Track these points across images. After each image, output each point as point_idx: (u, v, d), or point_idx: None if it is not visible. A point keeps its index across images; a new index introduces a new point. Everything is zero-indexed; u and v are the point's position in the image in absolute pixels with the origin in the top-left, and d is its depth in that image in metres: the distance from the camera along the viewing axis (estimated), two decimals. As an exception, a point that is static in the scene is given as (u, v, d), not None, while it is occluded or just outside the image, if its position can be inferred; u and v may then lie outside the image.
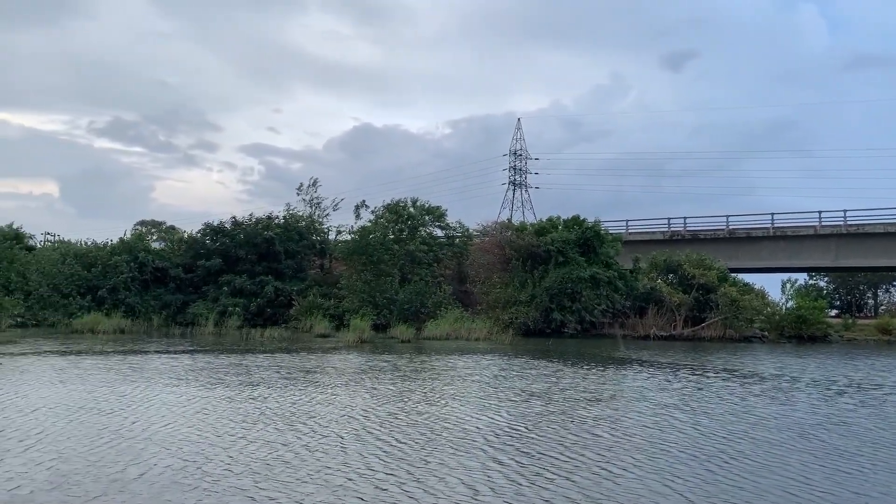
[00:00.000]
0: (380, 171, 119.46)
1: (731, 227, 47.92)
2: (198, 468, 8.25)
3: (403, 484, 7.66)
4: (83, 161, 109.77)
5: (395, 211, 40.88)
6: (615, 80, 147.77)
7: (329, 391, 14.66)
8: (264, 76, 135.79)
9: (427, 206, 41.47)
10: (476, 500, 7.18)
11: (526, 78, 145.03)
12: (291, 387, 15.28)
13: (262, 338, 32.13)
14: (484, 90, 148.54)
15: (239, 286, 39.78)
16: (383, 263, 38.52)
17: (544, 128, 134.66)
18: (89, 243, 42.97)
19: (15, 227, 46.85)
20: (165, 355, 22.77)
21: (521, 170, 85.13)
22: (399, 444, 9.60)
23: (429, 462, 8.64)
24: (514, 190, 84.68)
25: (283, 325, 37.72)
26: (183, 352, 24.26)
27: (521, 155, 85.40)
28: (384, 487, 7.54)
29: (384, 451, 9.17)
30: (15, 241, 44.57)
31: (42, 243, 50.47)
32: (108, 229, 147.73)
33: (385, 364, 20.61)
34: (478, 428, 10.82)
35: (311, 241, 44.14)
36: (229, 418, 11.49)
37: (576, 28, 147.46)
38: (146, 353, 23.74)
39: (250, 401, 13.26)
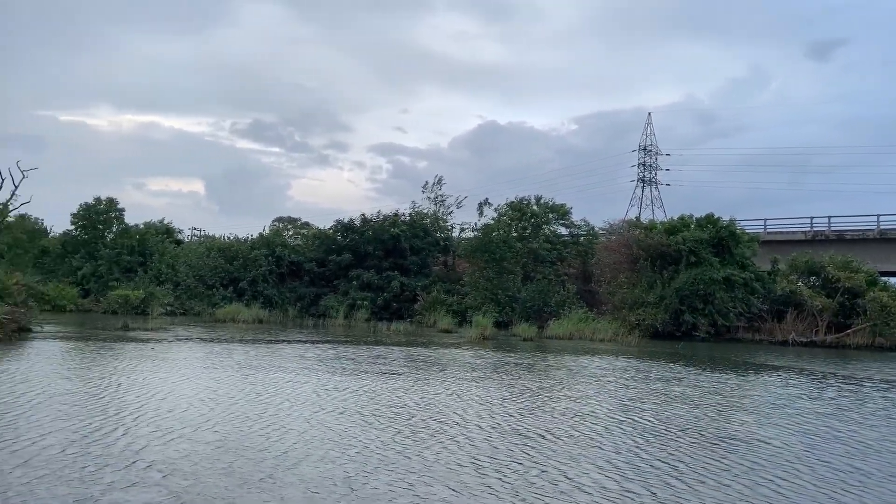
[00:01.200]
0: (504, 169, 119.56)
1: (882, 227, 44.32)
2: (352, 456, 8.62)
3: (558, 483, 7.67)
4: (226, 161, 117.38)
5: (518, 209, 40.81)
6: (754, 71, 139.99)
7: (466, 385, 14.89)
8: (393, 78, 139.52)
9: (551, 203, 41.12)
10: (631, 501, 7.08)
11: (657, 71, 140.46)
12: (428, 379, 15.64)
13: (389, 331, 33.04)
14: (612, 85, 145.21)
15: (367, 281, 41.11)
16: (506, 261, 38.57)
17: (676, 122, 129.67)
18: (231, 238, 45.82)
19: (166, 222, 50.70)
20: (302, 345, 23.93)
21: (650, 166, 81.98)
22: (547, 440, 9.62)
23: (579, 460, 8.61)
24: (642, 187, 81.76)
25: (408, 320, 38.62)
26: (318, 342, 25.39)
27: (650, 151, 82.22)
28: (538, 482, 7.58)
29: (531, 447, 9.21)
30: (165, 236, 48.23)
31: (189, 238, 54.27)
32: (247, 225, 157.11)
33: (515, 361, 20.68)
34: (622, 429, 10.65)
35: (435, 238, 44.91)
36: (372, 410, 11.91)
37: (711, 18, 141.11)
38: (285, 342, 25.04)
39: (393, 391, 13.69)
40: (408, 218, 45.28)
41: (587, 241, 40.29)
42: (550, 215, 40.75)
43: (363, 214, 45.14)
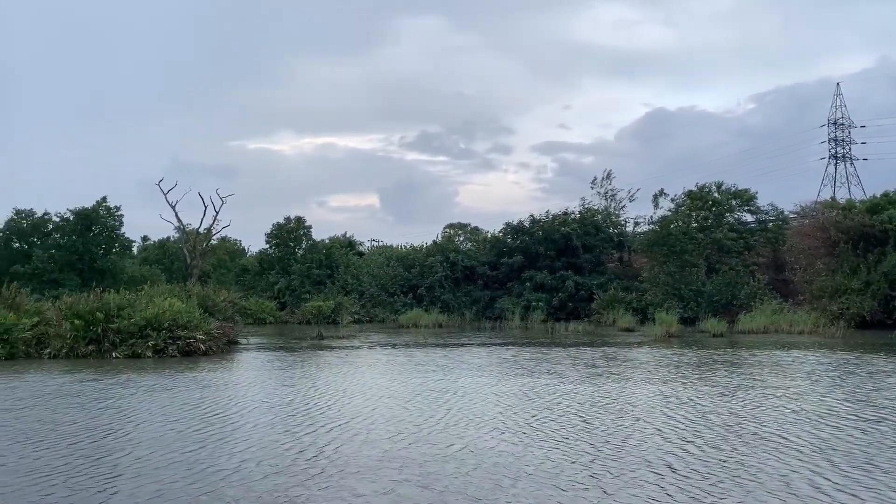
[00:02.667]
0: (676, 157, 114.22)
1: None
2: (561, 458, 8.55)
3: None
4: (397, 173, 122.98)
5: (697, 197, 38.81)
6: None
7: (674, 385, 14.32)
8: (553, 75, 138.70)
9: (733, 189, 38.71)
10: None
11: (843, 36, 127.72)
12: (631, 378, 15.24)
13: (567, 331, 32.66)
14: (791, 57, 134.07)
15: (540, 281, 40.99)
16: (687, 254, 36.80)
17: (869, 91, 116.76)
18: (408, 247, 47.70)
19: (348, 235, 53.92)
20: (486, 347, 24.29)
21: (843, 141, 74.32)
22: (789, 444, 9.00)
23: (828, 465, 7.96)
24: (835, 164, 74.32)
25: (586, 319, 37.98)
26: (502, 344, 25.65)
27: (842, 124, 74.46)
28: (777, 489, 7.09)
29: (773, 453, 8.66)
30: (349, 248, 51.22)
31: (369, 249, 57.21)
32: (420, 233, 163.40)
33: (716, 358, 19.63)
34: (865, 432, 9.72)
35: (608, 235, 43.88)
36: (591, 413, 11.76)
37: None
38: (465, 345, 25.56)
39: (605, 394, 13.48)
40: (578, 215, 44.65)
41: (776, 228, 37.53)
42: (733, 202, 38.40)
43: (532, 215, 45.14)
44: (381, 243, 58.88)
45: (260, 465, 8.23)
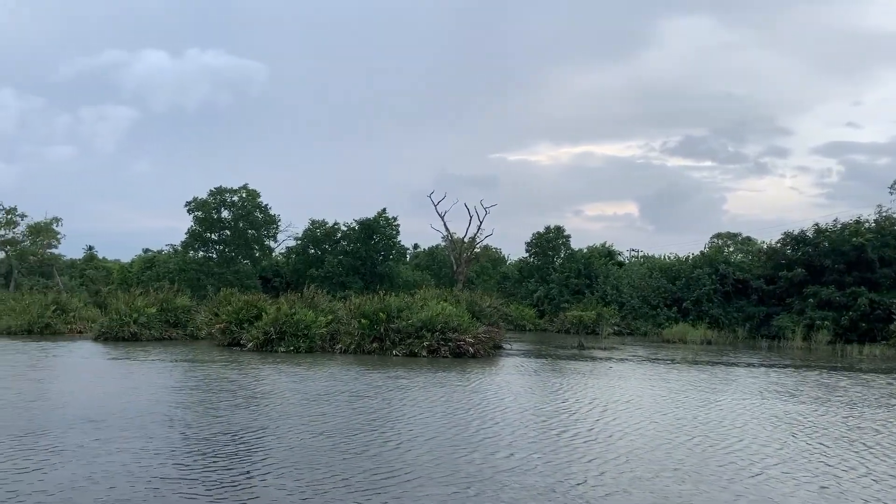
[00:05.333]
0: None
1: None
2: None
3: None
4: (658, 180, 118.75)
5: None
6: None
7: None
8: (838, 69, 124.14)
9: None
10: None
11: None
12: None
13: (860, 355, 28.88)
14: None
15: (826, 298, 36.69)
16: None
17: None
18: (672, 257, 45.64)
19: (606, 245, 53.05)
20: (757, 368, 22.32)
21: None
22: None
23: None
24: None
25: (883, 342, 33.22)
26: (777, 365, 23.41)
27: None
28: None
29: None
30: (608, 258, 50.42)
31: (629, 259, 55.84)
32: (683, 243, 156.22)
33: None
34: None
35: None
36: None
37: None
38: (738, 364, 23.71)
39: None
40: (873, 224, 39.23)
41: None
42: None
43: (816, 224, 40.57)
44: (641, 253, 57.16)
45: (532, 469, 8.38)
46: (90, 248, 70.90)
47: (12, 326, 29.11)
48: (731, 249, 48.37)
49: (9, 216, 54.07)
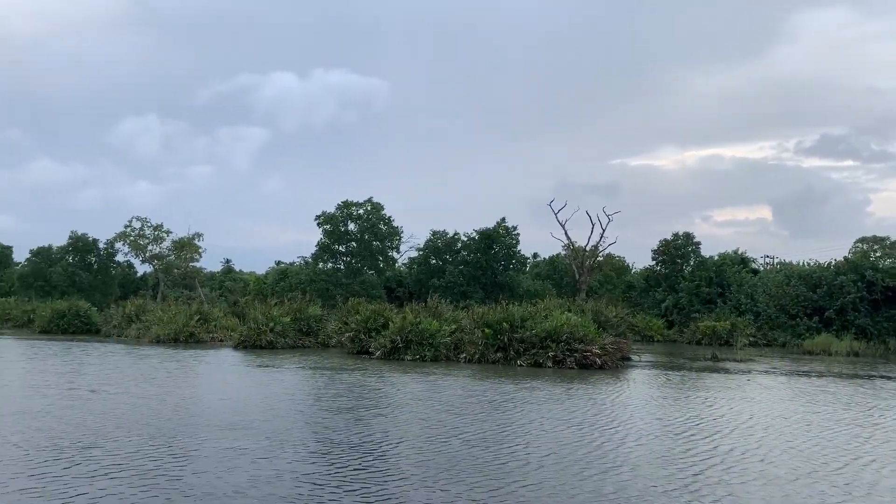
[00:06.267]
0: None
1: None
2: None
3: None
4: (793, 182, 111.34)
5: None
6: None
7: None
8: None
9: None
10: None
11: None
12: None
13: None
14: None
15: None
16: None
17: None
18: (812, 264, 42.74)
19: (739, 252, 50.43)
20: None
21: None
22: None
23: None
24: None
25: None
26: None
27: None
28: None
29: None
30: (741, 266, 47.92)
31: (763, 266, 52.84)
32: (821, 249, 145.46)
33: None
34: None
35: None
36: None
37: None
38: (889, 378, 21.80)
39: None
40: None
41: None
42: None
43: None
44: (776, 260, 53.95)
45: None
46: (228, 261, 75.76)
47: (161, 335, 31.44)
48: (878, 254, 44.66)
49: (156, 233, 58.73)
